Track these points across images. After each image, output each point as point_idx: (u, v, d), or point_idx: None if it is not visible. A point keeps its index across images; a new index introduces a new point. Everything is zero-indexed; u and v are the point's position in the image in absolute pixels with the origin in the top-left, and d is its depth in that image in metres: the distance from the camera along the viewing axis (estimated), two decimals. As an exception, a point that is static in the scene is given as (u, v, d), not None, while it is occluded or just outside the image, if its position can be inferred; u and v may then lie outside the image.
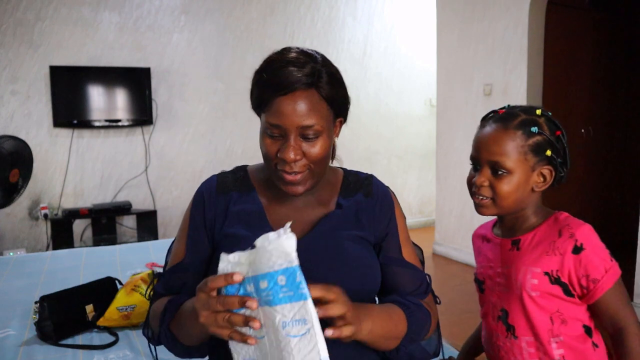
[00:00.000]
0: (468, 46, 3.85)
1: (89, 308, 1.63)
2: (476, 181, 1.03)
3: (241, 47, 4.48)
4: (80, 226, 4.06)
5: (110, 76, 4.01)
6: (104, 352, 1.48)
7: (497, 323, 1.08)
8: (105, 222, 3.98)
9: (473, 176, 1.05)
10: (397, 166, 5.29)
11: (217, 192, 0.98)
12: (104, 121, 4.01)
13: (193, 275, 0.94)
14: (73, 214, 3.86)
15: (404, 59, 5.20)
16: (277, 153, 0.87)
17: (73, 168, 4.03)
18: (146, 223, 4.10)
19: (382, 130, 5.16)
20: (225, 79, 4.45)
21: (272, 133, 0.87)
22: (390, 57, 5.13)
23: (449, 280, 3.57)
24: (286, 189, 0.91)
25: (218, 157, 4.47)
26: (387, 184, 1.05)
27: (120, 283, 1.78)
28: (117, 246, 2.76)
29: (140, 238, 4.03)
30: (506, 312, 1.06)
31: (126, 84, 4.05)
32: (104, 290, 1.71)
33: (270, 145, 0.88)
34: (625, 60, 4.18)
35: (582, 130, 3.95)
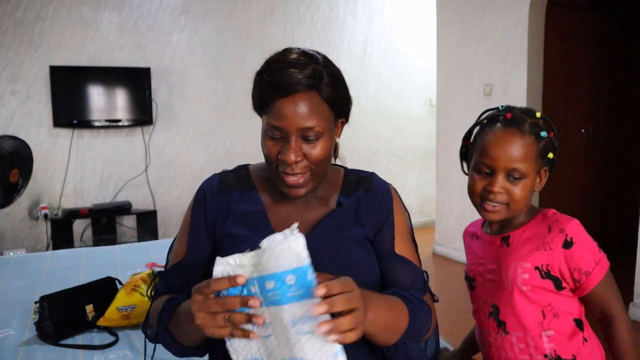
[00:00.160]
0: (468, 46, 3.85)
1: (89, 308, 1.63)
2: (493, 189, 1.01)
3: (241, 47, 4.48)
4: (80, 226, 4.06)
5: (110, 76, 4.01)
6: (104, 352, 1.48)
7: (488, 319, 1.09)
8: (105, 222, 3.98)
9: (485, 184, 1.03)
10: (397, 166, 5.29)
11: (219, 191, 0.98)
12: (104, 121, 4.01)
13: (194, 273, 0.94)
14: (73, 214, 3.86)
15: (404, 59, 5.20)
16: (279, 155, 0.87)
17: (73, 168, 4.03)
18: (146, 223, 4.10)
19: (382, 130, 5.16)
20: (225, 79, 4.45)
21: (273, 135, 0.88)
22: (390, 57, 5.13)
23: (449, 280, 3.57)
24: (288, 192, 0.91)
25: (218, 157, 4.47)
26: (388, 183, 1.05)
27: (120, 283, 1.78)
28: (117, 246, 2.76)
29: (140, 238, 4.04)
30: (497, 308, 1.07)
31: (126, 84, 4.05)
32: (104, 290, 1.71)
33: (271, 147, 0.89)
34: (625, 60, 4.18)
35: (582, 130, 3.95)
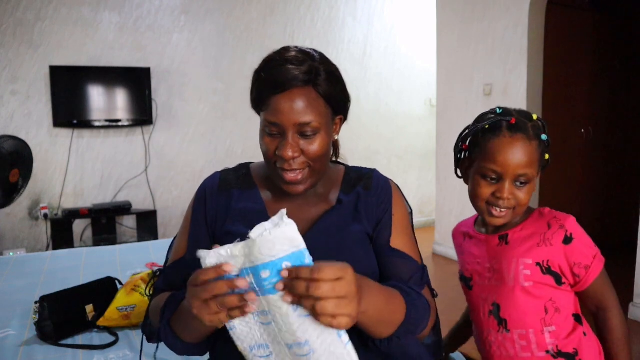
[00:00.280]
0: (468, 46, 3.85)
1: (89, 308, 1.63)
2: (503, 196, 1.02)
3: (241, 47, 4.48)
4: (80, 226, 4.06)
5: (110, 76, 4.01)
6: (104, 352, 1.48)
7: (489, 318, 1.09)
8: (105, 222, 3.98)
9: (493, 190, 1.03)
10: (397, 166, 5.29)
11: (219, 189, 0.99)
12: (104, 121, 4.01)
13: (194, 271, 0.94)
14: (73, 214, 3.86)
15: (404, 59, 5.20)
16: (276, 151, 0.88)
17: (73, 168, 4.03)
18: (146, 223, 4.10)
19: (382, 130, 5.16)
20: (225, 79, 4.45)
21: (271, 131, 0.88)
22: (390, 57, 5.13)
23: (449, 280, 3.56)
24: (287, 189, 0.91)
25: (218, 157, 4.47)
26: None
27: (120, 283, 1.77)
28: (117, 246, 2.76)
29: (140, 238, 4.04)
30: (498, 306, 1.07)
31: (126, 84, 4.05)
32: (104, 290, 1.71)
33: (269, 143, 0.89)
34: (625, 60, 4.18)
35: (582, 130, 3.95)
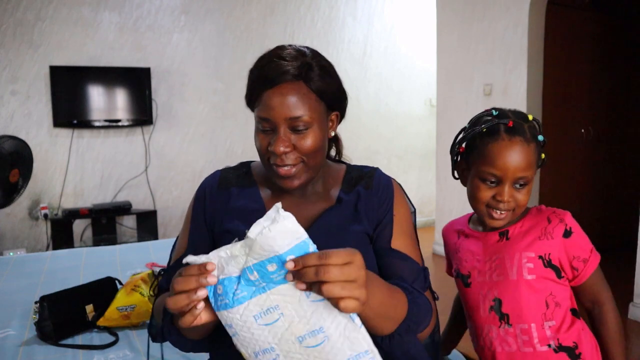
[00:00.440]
0: (468, 46, 3.85)
1: (89, 308, 1.63)
2: (504, 199, 1.03)
3: (241, 47, 4.48)
4: (80, 226, 4.06)
5: (110, 76, 4.01)
6: (104, 352, 1.48)
7: (490, 314, 1.09)
8: (105, 222, 3.98)
9: (493, 193, 1.04)
10: (397, 166, 5.29)
11: (219, 188, 0.99)
12: (104, 121, 4.01)
13: None
14: (73, 214, 3.86)
15: (404, 59, 5.20)
16: (268, 147, 0.88)
17: (73, 168, 4.03)
18: (146, 223, 4.10)
19: (382, 130, 5.16)
20: (225, 79, 4.45)
21: (263, 127, 0.88)
22: (390, 57, 5.13)
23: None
24: (281, 183, 0.91)
25: (218, 157, 4.47)
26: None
27: (120, 283, 1.78)
28: (117, 246, 2.76)
29: (140, 238, 4.04)
30: (499, 301, 1.08)
31: (126, 84, 4.05)
32: (104, 290, 1.71)
33: (262, 139, 0.89)
34: (625, 60, 4.18)
35: (582, 130, 3.95)
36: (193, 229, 0.98)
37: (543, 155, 1.07)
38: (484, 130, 1.05)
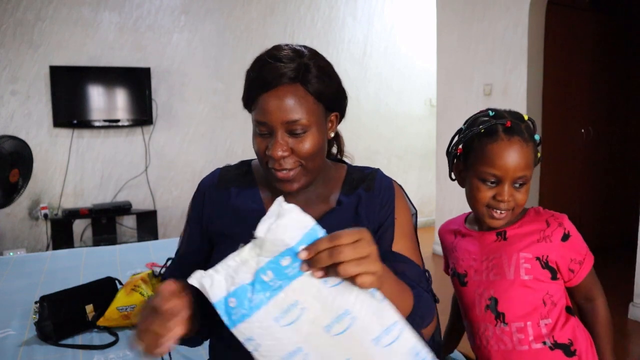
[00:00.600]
0: (468, 46, 3.85)
1: (89, 308, 1.63)
2: (504, 199, 1.03)
3: (241, 47, 4.48)
4: (80, 226, 4.06)
5: (110, 76, 4.01)
6: (104, 352, 1.48)
7: (486, 313, 1.10)
8: (105, 222, 3.98)
9: (493, 193, 1.04)
10: (397, 166, 5.29)
11: (218, 187, 0.98)
12: (104, 121, 4.01)
13: (189, 266, 0.94)
14: (73, 214, 3.86)
15: (404, 59, 5.20)
16: (266, 151, 0.87)
17: (73, 168, 4.03)
18: (146, 223, 4.10)
19: (382, 130, 5.16)
20: (225, 79, 4.45)
21: (261, 131, 0.87)
22: (390, 57, 5.13)
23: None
24: (280, 187, 0.90)
25: (218, 157, 4.47)
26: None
27: (120, 283, 1.78)
28: (117, 246, 2.76)
29: (140, 238, 4.04)
30: (495, 300, 1.08)
31: (126, 84, 4.05)
32: (104, 290, 1.71)
33: (260, 143, 0.88)
34: (625, 60, 4.18)
35: (582, 130, 3.95)
36: (190, 229, 0.99)
37: (539, 154, 1.08)
38: (482, 131, 1.05)
